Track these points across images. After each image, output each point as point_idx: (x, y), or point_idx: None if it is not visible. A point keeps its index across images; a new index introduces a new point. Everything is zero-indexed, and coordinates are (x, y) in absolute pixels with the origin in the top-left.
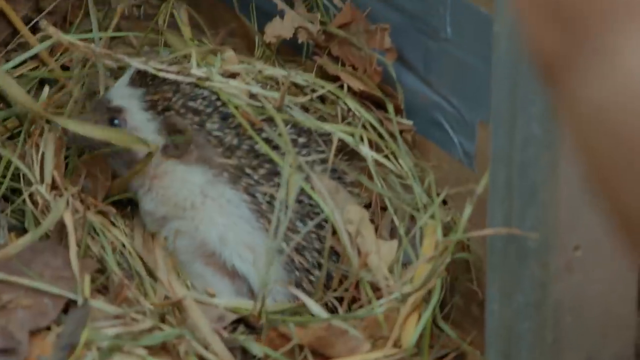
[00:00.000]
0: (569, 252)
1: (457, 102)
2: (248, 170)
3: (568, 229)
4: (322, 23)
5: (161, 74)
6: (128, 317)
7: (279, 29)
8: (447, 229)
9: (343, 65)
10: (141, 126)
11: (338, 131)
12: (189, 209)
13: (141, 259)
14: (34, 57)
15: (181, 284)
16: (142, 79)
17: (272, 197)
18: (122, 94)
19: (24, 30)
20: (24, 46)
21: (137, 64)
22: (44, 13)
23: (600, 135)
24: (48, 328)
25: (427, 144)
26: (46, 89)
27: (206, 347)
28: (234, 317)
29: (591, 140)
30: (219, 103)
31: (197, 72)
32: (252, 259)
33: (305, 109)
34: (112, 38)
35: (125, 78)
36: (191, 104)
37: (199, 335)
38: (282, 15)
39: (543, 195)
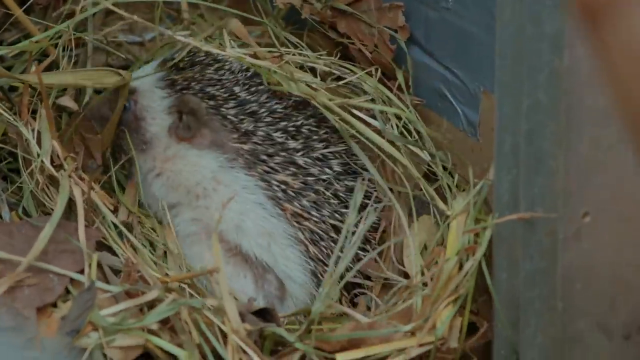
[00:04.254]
0: (578, 220)
1: (459, 71)
2: (263, 157)
3: (576, 196)
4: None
5: (205, 48)
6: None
7: None
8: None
9: (351, 42)
10: (152, 104)
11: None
12: (201, 196)
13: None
14: (27, 36)
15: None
16: (170, 65)
17: (287, 185)
18: (140, 76)
19: (19, 12)
20: (16, 25)
21: (181, 37)
22: None
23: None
24: (54, 304)
25: (430, 113)
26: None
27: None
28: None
29: (626, 75)
30: (237, 89)
31: (232, 52)
32: (270, 246)
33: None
34: (107, 14)
35: (152, 63)
36: (209, 89)
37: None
38: None
39: (550, 163)
